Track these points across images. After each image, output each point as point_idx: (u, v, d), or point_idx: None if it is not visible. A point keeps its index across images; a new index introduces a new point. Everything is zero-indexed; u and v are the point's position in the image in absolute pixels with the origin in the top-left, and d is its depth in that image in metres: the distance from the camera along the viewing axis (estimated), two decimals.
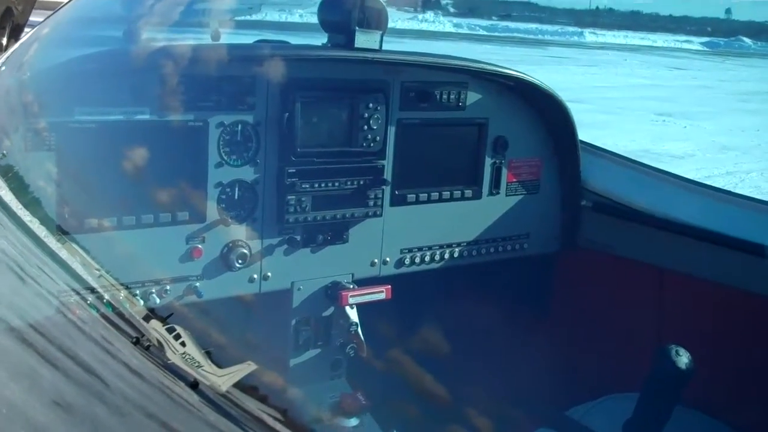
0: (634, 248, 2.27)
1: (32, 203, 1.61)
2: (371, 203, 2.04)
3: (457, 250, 2.23)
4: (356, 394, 2.05)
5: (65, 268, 1.43)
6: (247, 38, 2.11)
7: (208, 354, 1.27)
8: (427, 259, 2.19)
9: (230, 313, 1.90)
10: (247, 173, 1.88)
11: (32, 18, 3.95)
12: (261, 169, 1.89)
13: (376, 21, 1.91)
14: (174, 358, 1.22)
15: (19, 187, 1.63)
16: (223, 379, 1.20)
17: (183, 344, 1.28)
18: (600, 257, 2.34)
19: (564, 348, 2.29)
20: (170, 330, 1.32)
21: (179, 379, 1.14)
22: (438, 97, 2.12)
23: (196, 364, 1.23)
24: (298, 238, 1.96)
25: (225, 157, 1.84)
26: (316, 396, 2.08)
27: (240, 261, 1.87)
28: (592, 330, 2.29)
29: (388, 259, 2.14)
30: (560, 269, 2.43)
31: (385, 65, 2.00)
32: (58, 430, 1.02)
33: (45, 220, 1.57)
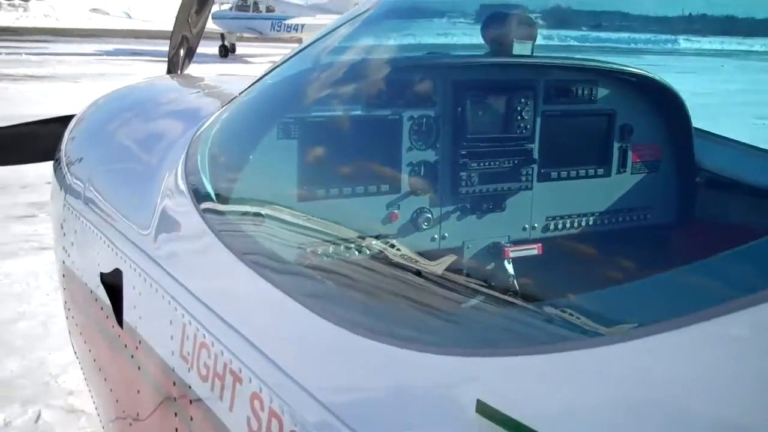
0: (743, 217, 2.67)
1: (280, 178, 2.18)
2: (523, 179, 2.53)
3: (591, 218, 2.70)
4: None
5: (304, 227, 1.99)
6: None
7: (420, 254, 1.84)
8: (567, 225, 2.66)
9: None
10: (430, 155, 2.40)
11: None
12: (440, 152, 2.41)
13: (528, 33, 2.41)
14: (396, 258, 1.79)
15: (272, 166, 2.20)
16: (437, 266, 1.76)
17: (398, 250, 1.85)
18: (713, 226, 2.75)
19: None
20: (385, 242, 1.90)
21: (405, 270, 1.69)
22: (574, 92, 2.59)
23: (414, 260, 1.80)
24: (468, 206, 2.47)
25: (414, 143, 2.37)
26: None
27: (425, 223, 2.39)
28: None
29: (536, 225, 2.62)
30: (677, 237, 2.85)
31: (534, 68, 2.50)
32: (332, 309, 1.56)
33: (289, 190, 2.13)
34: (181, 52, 4.35)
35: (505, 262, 2.50)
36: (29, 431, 5.09)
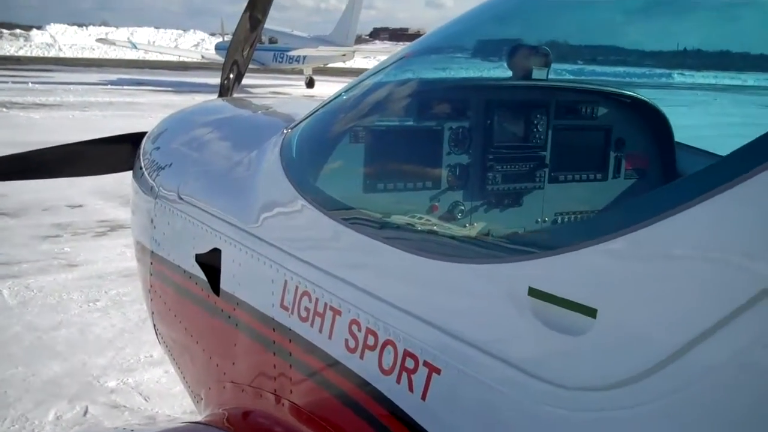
0: None
1: (348, 173, 2.75)
2: (537, 180, 3.09)
3: (591, 215, 3.26)
4: None
5: (375, 214, 2.52)
6: (339, 85, 3.09)
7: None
8: (572, 219, 3.23)
9: None
10: (464, 159, 2.96)
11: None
12: (472, 156, 2.98)
13: (545, 62, 2.99)
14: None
15: (344, 165, 2.77)
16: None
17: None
18: None
19: None
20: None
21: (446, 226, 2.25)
22: (579, 110, 3.17)
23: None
24: (493, 201, 3.03)
25: (452, 149, 2.93)
26: None
27: (459, 214, 2.96)
28: None
29: (546, 218, 3.18)
30: None
31: (548, 90, 3.09)
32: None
33: (355, 182, 2.71)
34: (231, 76, 4.92)
35: None
36: (79, 424, 5.60)
